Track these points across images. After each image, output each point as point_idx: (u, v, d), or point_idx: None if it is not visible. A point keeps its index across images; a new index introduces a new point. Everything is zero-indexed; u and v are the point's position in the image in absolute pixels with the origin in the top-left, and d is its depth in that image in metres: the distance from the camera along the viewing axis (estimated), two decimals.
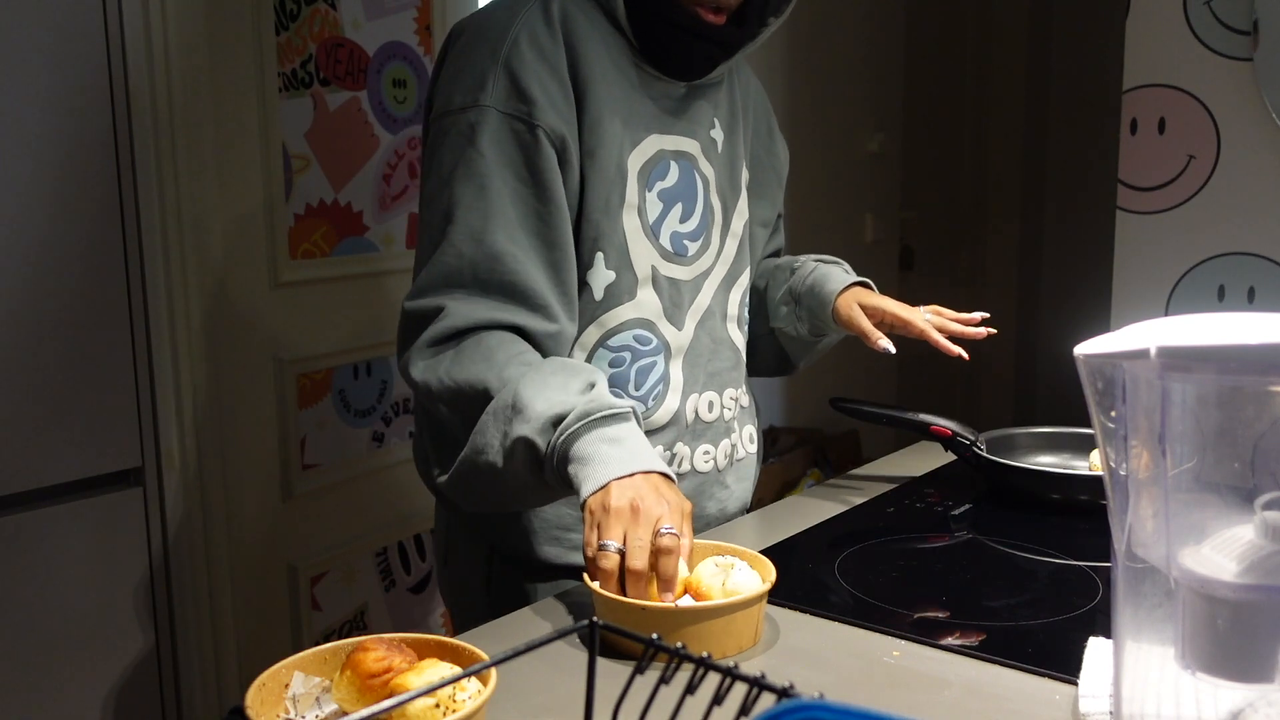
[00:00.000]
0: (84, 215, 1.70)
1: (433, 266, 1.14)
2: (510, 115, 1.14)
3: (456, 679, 0.64)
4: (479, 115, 1.14)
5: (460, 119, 1.15)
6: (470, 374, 1.10)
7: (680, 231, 1.26)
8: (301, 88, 2.02)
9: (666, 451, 1.28)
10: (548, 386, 1.06)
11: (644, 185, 1.22)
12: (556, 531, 1.24)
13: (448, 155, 1.16)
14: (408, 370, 1.15)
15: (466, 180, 1.14)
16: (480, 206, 1.13)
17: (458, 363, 1.11)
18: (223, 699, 1.94)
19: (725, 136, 1.33)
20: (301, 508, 2.10)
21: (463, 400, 1.11)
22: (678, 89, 1.26)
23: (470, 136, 1.14)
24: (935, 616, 1.06)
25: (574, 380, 1.08)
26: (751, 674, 0.57)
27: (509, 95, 1.14)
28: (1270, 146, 2.06)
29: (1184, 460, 0.67)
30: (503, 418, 1.07)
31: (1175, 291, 2.19)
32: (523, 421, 1.05)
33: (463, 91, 1.16)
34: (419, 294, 1.15)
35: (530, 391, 1.06)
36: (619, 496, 0.99)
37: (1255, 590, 0.66)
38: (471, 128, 1.14)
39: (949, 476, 1.53)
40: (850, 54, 3.55)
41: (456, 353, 1.12)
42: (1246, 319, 0.66)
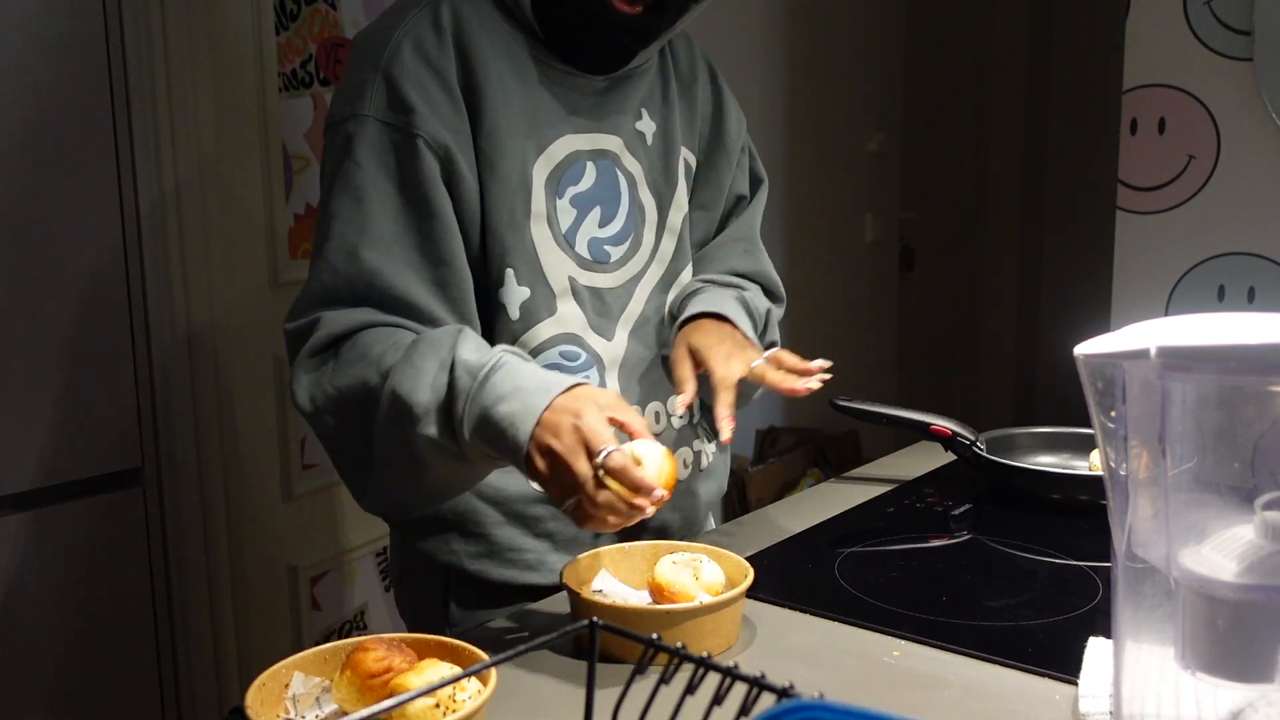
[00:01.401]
0: (84, 214, 1.70)
1: (309, 285, 1.09)
2: (388, 125, 1.08)
3: (456, 679, 0.64)
4: (356, 125, 1.08)
5: (339, 130, 1.10)
6: (351, 378, 1.04)
7: (600, 237, 1.20)
8: (301, 88, 2.02)
9: None
10: (422, 373, 1.00)
11: (553, 192, 1.16)
12: (510, 554, 1.19)
13: (327, 169, 1.11)
14: (294, 396, 1.08)
15: (342, 193, 1.08)
16: (356, 220, 1.07)
17: (338, 370, 1.05)
18: (223, 699, 1.94)
19: (658, 126, 1.25)
20: (301, 508, 2.10)
21: (347, 408, 1.05)
22: (596, 83, 1.19)
23: (346, 148, 1.09)
24: (935, 616, 1.06)
25: (443, 353, 1.01)
26: (751, 674, 0.58)
27: (388, 104, 1.08)
28: (1270, 146, 2.06)
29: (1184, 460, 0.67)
30: (393, 423, 1.01)
31: (1175, 291, 2.19)
32: (414, 422, 1.00)
33: (342, 102, 1.11)
34: (294, 315, 1.10)
35: (408, 385, 1.00)
36: (540, 457, 0.95)
37: (1255, 590, 0.66)
38: (348, 139, 1.09)
39: (949, 476, 1.53)
40: (850, 54, 3.55)
41: (336, 361, 1.06)
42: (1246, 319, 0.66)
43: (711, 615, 0.96)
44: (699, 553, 1.04)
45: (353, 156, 1.08)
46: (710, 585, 0.99)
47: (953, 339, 4.27)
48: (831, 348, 1.58)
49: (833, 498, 1.45)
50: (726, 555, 1.05)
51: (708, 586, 0.99)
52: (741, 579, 1.00)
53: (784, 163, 3.33)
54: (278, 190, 1.99)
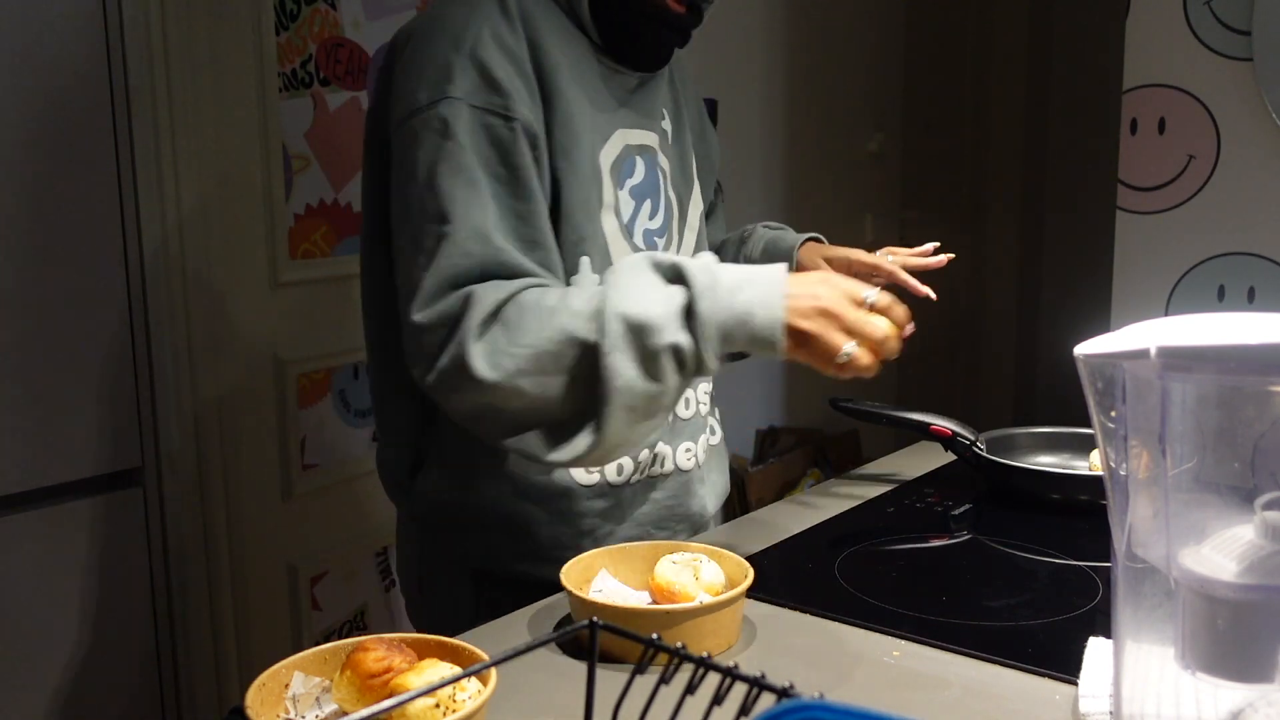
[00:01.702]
0: (84, 215, 1.70)
1: (438, 272, 1.05)
2: (481, 109, 1.07)
3: (456, 679, 0.64)
4: (449, 108, 1.06)
5: (430, 115, 1.07)
6: (541, 332, 1.01)
7: (650, 229, 1.23)
8: (301, 88, 2.02)
9: (649, 452, 1.24)
10: (643, 292, 1.02)
11: (616, 184, 1.18)
12: (555, 552, 1.19)
13: (424, 155, 1.07)
14: (465, 370, 1.02)
15: (453, 175, 1.06)
16: (477, 202, 1.06)
17: (517, 331, 1.02)
18: (223, 699, 1.94)
19: (673, 127, 1.30)
20: (301, 508, 2.10)
21: (549, 360, 1.02)
22: (631, 81, 1.22)
23: (445, 131, 1.06)
24: (935, 616, 1.06)
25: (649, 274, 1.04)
26: (751, 674, 0.58)
27: (478, 87, 1.07)
28: (1270, 146, 2.06)
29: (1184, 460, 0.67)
30: (628, 344, 1.00)
31: (1175, 291, 2.19)
32: (656, 333, 1.00)
33: (427, 88, 1.07)
34: (432, 300, 1.05)
35: (637, 305, 1.00)
36: (810, 317, 1.01)
37: (1255, 590, 0.66)
38: (444, 122, 1.06)
39: (949, 476, 1.53)
40: (850, 54, 3.55)
41: (504, 327, 1.02)
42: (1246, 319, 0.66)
43: (711, 615, 0.96)
44: (699, 553, 1.04)
45: (455, 139, 1.06)
46: (710, 585, 0.99)
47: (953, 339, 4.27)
48: None
49: (833, 498, 1.45)
50: (726, 555, 1.05)
51: (708, 586, 0.99)
52: (741, 579, 1.00)
53: (784, 163, 3.33)
54: (278, 190, 1.99)
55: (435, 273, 1.05)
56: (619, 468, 1.22)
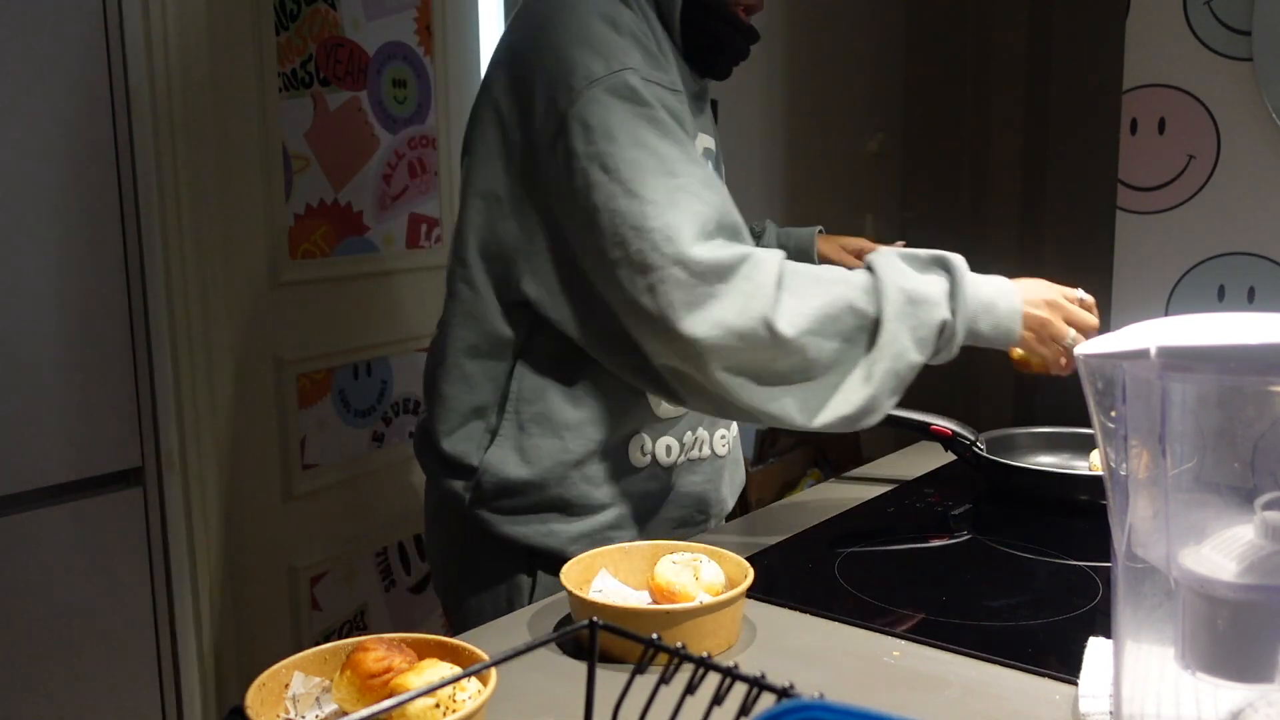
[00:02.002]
0: (84, 215, 1.70)
1: (691, 218, 1.08)
2: (654, 82, 1.14)
3: (456, 679, 0.64)
4: (634, 78, 1.11)
5: (615, 83, 1.11)
6: (823, 297, 1.11)
7: None
8: (301, 88, 2.02)
9: (692, 435, 1.30)
10: (912, 273, 1.16)
11: None
12: (608, 533, 1.25)
13: (619, 119, 1.10)
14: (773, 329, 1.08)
15: (664, 137, 1.11)
16: (688, 155, 1.12)
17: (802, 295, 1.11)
18: (223, 699, 1.94)
19: (715, 135, 1.37)
20: (301, 508, 2.10)
21: (829, 321, 1.11)
22: (694, 87, 1.29)
23: (636, 98, 1.11)
24: (935, 616, 1.06)
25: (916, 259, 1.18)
26: (751, 674, 0.57)
27: (646, 64, 1.14)
28: (1270, 146, 2.06)
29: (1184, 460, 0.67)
30: (906, 314, 1.13)
31: (1175, 291, 2.19)
32: (932, 307, 1.13)
33: (602, 60, 1.12)
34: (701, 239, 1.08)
35: (914, 283, 1.14)
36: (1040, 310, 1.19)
37: (1255, 590, 0.66)
38: (632, 90, 1.11)
39: (949, 476, 1.53)
40: (850, 54, 3.55)
41: (788, 291, 1.10)
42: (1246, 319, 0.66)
43: (711, 615, 0.96)
44: (699, 553, 1.04)
45: (650, 105, 1.12)
46: (710, 585, 0.99)
47: None
48: None
49: (833, 498, 1.45)
50: (726, 555, 1.05)
51: (708, 586, 0.99)
52: (741, 579, 1.00)
53: (784, 163, 3.33)
54: (278, 190, 1.99)
55: (689, 221, 1.08)
56: (668, 449, 1.28)
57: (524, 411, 1.23)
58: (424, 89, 2.27)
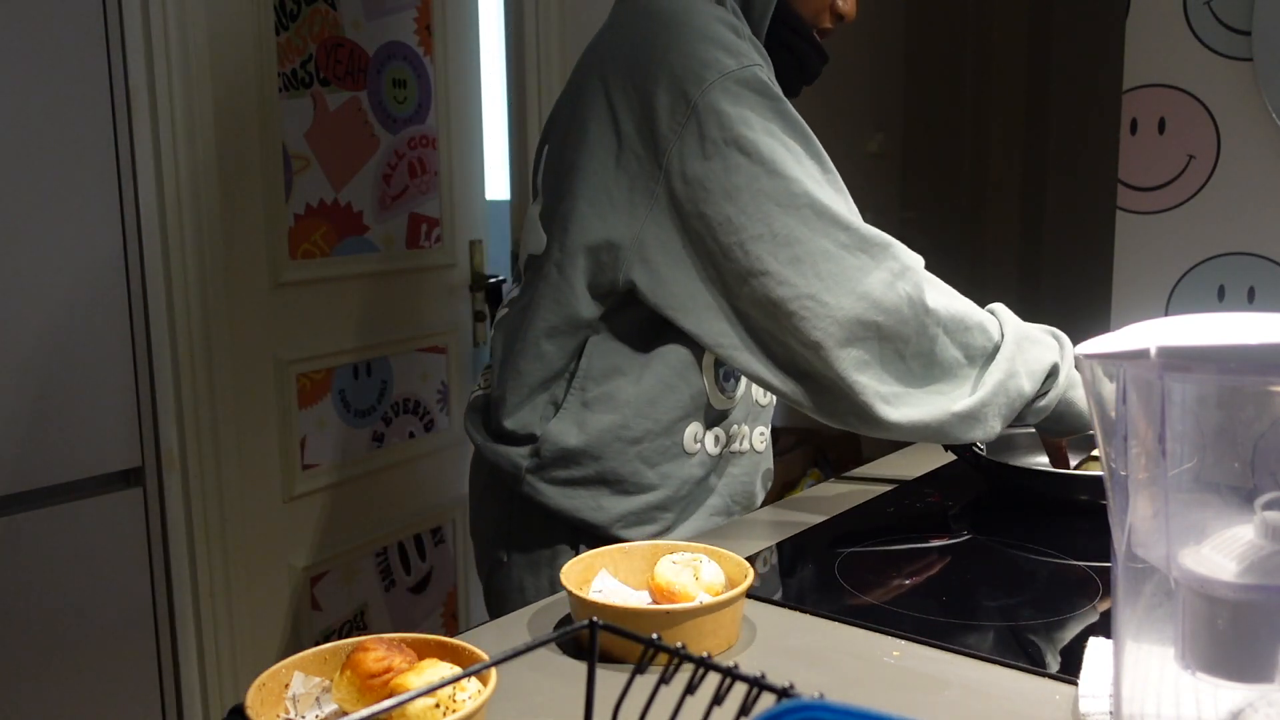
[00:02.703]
0: (84, 215, 1.70)
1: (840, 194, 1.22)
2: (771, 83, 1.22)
3: (456, 679, 0.64)
4: (765, 74, 1.19)
5: (746, 75, 1.18)
6: (959, 304, 1.23)
7: None
8: (301, 88, 2.02)
9: (736, 427, 1.34)
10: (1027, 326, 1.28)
11: None
12: (655, 513, 1.29)
13: (750, 107, 1.18)
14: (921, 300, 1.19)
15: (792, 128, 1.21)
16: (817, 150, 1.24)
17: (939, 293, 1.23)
18: (223, 699, 1.94)
19: None
20: (301, 508, 2.10)
21: (960, 327, 1.22)
22: None
23: (768, 92, 1.19)
24: (935, 616, 1.06)
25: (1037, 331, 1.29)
26: (751, 674, 0.57)
27: (763, 68, 1.21)
28: (1270, 146, 2.06)
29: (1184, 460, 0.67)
30: (1024, 347, 1.23)
31: (1175, 291, 2.19)
32: (1044, 350, 1.25)
33: (731, 55, 1.18)
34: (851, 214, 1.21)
35: (1026, 329, 1.26)
36: None
37: (1255, 590, 0.66)
38: (763, 84, 1.18)
39: (949, 476, 1.53)
40: (850, 54, 3.55)
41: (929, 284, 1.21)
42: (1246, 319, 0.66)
43: (711, 615, 0.96)
44: (699, 553, 1.04)
45: (778, 99, 1.20)
46: (710, 585, 0.99)
47: None
48: None
49: (833, 498, 1.45)
50: (726, 555, 1.04)
51: (708, 586, 0.99)
52: (741, 579, 1.00)
53: None
54: (278, 190, 1.99)
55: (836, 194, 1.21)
56: (715, 438, 1.33)
57: (589, 387, 1.28)
58: (424, 89, 2.27)
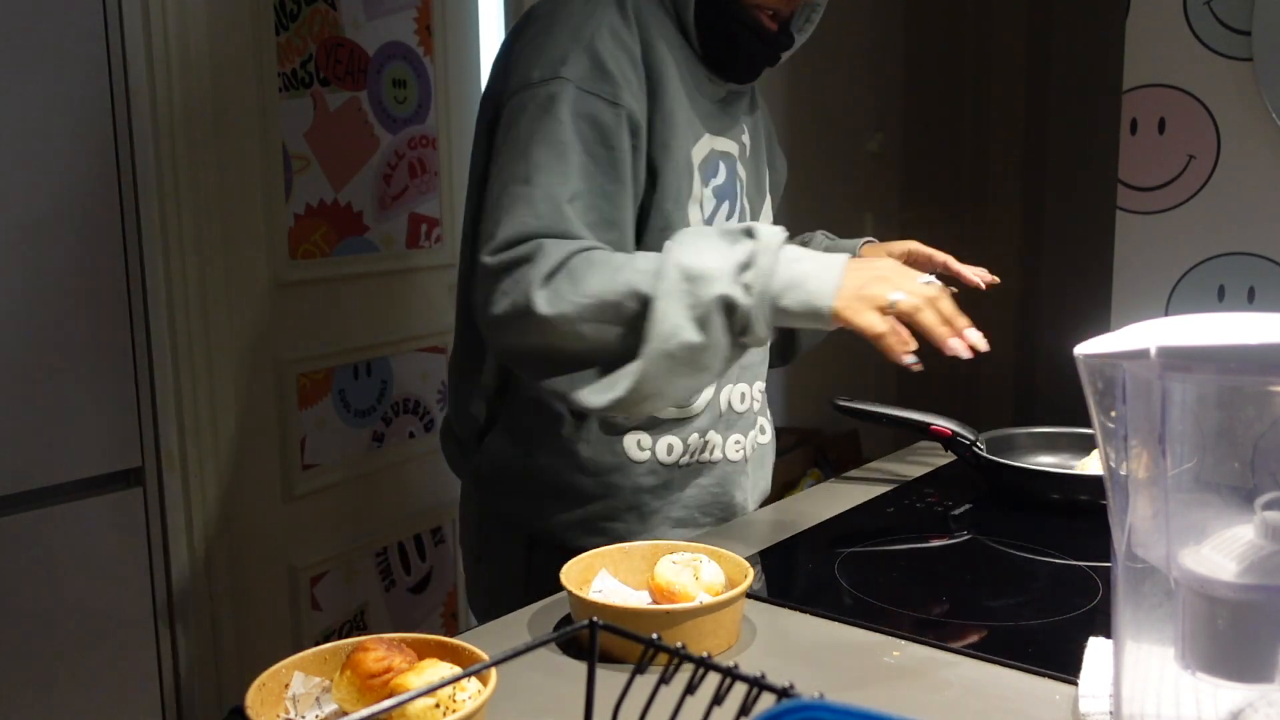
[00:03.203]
0: (84, 215, 1.70)
1: (512, 223, 1.14)
2: (590, 93, 1.16)
3: (456, 679, 0.64)
4: (559, 87, 1.16)
5: (539, 91, 1.16)
6: (605, 282, 1.09)
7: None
8: (301, 88, 2.02)
9: (699, 438, 1.30)
10: (706, 248, 1.08)
11: (703, 181, 1.26)
12: (602, 524, 1.27)
13: (525, 125, 1.16)
14: (529, 310, 1.10)
15: (546, 146, 1.15)
16: (559, 172, 1.14)
17: (582, 280, 1.10)
18: (223, 699, 1.94)
19: (751, 142, 1.38)
20: (301, 508, 2.10)
21: (609, 308, 1.10)
22: (720, 91, 1.31)
23: (548, 107, 1.15)
24: (935, 616, 1.06)
25: (718, 232, 1.11)
26: (751, 674, 0.57)
27: (590, 74, 1.16)
28: (1270, 146, 2.06)
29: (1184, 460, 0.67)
30: (681, 292, 1.07)
31: (1175, 291, 2.19)
32: (709, 282, 1.06)
33: (541, 67, 1.17)
34: (505, 246, 1.13)
35: (696, 258, 1.07)
36: (861, 280, 1.05)
37: (1255, 590, 0.66)
38: (550, 99, 1.16)
39: (949, 476, 1.53)
40: (850, 54, 3.55)
41: (569, 275, 1.10)
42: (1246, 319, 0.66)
43: (711, 615, 0.96)
44: (699, 553, 1.04)
45: (556, 115, 1.15)
46: (710, 585, 0.99)
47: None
48: (832, 348, 1.58)
49: (833, 498, 1.45)
50: (726, 555, 1.05)
51: (708, 586, 0.99)
52: (741, 579, 1.00)
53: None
54: (278, 190, 1.99)
55: (507, 225, 1.14)
56: (669, 447, 1.28)
57: (520, 399, 1.28)
58: (424, 89, 2.27)
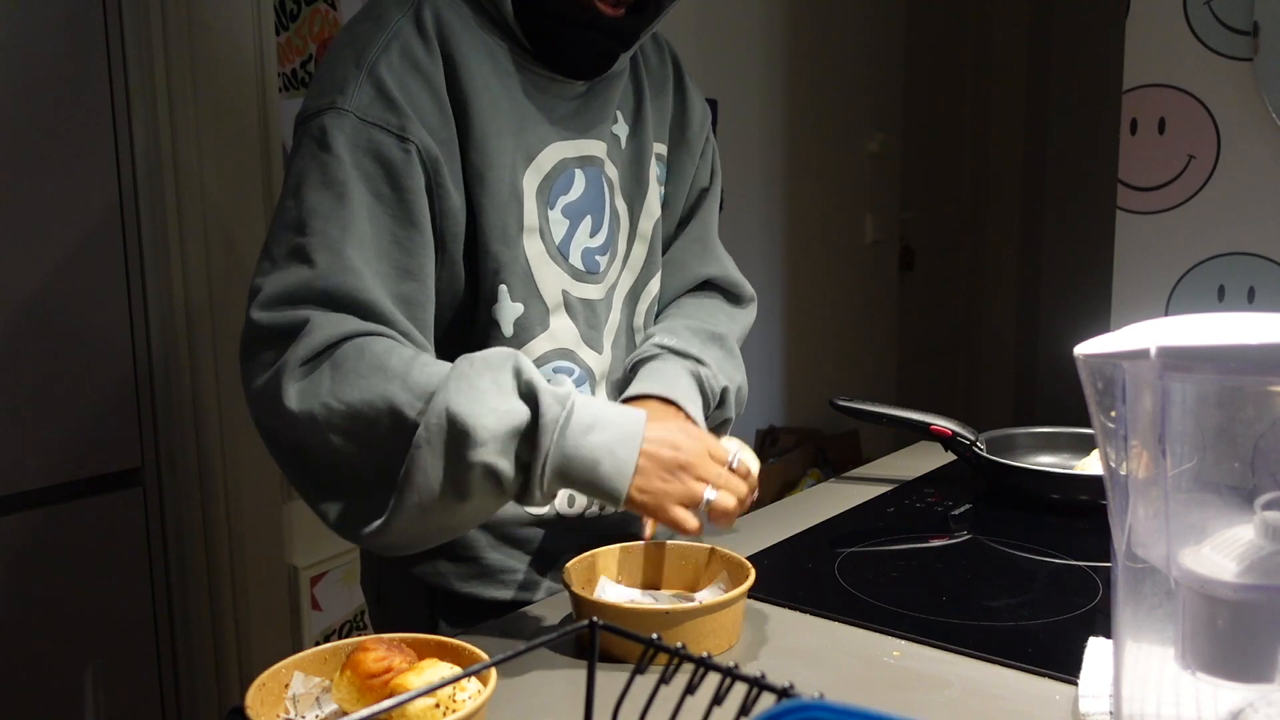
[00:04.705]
0: (84, 215, 1.70)
1: (284, 276, 0.99)
2: (374, 124, 1.01)
3: (456, 679, 0.64)
4: (335, 119, 1.01)
5: (313, 124, 1.02)
6: (366, 392, 0.94)
7: (591, 247, 1.16)
8: (301, 88, 2.02)
9: None
10: (483, 395, 0.93)
11: (545, 203, 1.11)
12: (503, 575, 1.16)
13: (298, 163, 1.03)
14: (278, 397, 0.96)
15: (322, 187, 1.00)
16: (339, 217, 1.00)
17: (344, 380, 0.95)
18: (223, 699, 1.94)
19: (630, 129, 1.22)
20: (302, 508, 2.10)
21: (362, 425, 0.95)
22: (576, 88, 1.15)
23: (323, 141, 1.01)
24: (935, 616, 1.06)
25: (502, 377, 0.95)
26: (751, 674, 0.58)
27: (373, 103, 1.02)
28: (1270, 146, 2.06)
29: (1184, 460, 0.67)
30: (442, 446, 0.93)
31: (1175, 291, 2.19)
32: (476, 446, 0.92)
33: (318, 95, 1.03)
34: (273, 304, 0.99)
35: (467, 407, 0.92)
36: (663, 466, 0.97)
37: (1255, 590, 0.66)
38: (323, 131, 1.01)
39: (949, 476, 1.53)
40: (850, 54, 3.55)
41: (334, 369, 0.95)
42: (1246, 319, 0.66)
43: (711, 615, 0.96)
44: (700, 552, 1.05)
45: (332, 150, 1.00)
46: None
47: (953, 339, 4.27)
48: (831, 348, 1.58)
49: (833, 498, 1.45)
50: (727, 555, 1.05)
51: None
52: (742, 579, 1.00)
53: (784, 163, 3.33)
54: (278, 190, 1.99)
55: (280, 277, 1.00)
56: (570, 499, 1.17)
57: None
58: None
